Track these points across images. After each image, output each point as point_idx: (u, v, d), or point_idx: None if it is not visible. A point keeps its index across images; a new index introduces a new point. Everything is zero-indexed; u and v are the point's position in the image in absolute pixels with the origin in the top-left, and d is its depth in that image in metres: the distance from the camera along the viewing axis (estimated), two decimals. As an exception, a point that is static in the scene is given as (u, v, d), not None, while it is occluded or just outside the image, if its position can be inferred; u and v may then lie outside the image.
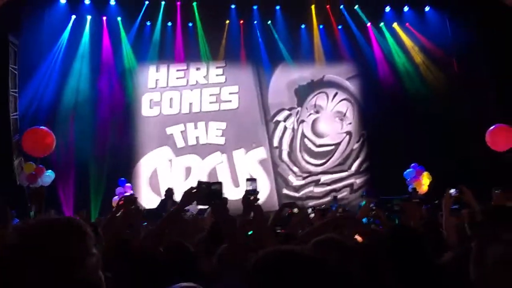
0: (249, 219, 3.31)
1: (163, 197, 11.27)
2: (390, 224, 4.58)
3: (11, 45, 11.94)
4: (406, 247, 2.46)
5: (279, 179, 14.95)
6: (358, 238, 3.62)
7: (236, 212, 3.42)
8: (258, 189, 3.30)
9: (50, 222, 1.49)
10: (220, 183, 3.09)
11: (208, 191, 3.03)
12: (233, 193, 13.98)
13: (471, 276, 2.00)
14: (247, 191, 3.23)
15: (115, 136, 13.66)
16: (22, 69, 12.60)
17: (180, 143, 14.54)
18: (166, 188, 11.33)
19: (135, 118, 14.38)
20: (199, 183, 3.08)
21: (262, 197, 11.91)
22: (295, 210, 5.05)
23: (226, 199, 3.11)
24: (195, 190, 3.07)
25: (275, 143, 15.16)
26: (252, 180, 3.49)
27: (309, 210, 8.09)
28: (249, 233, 3.29)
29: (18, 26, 12.48)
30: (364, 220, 5.94)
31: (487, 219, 3.08)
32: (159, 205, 10.71)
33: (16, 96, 12.26)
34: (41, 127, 11.71)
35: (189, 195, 3.10)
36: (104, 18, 14.18)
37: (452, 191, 4.12)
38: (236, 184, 14.37)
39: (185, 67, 14.99)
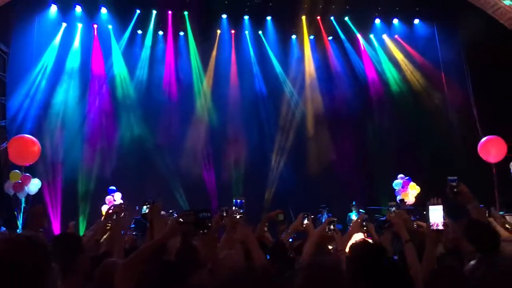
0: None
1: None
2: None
3: (0, 52, 11.85)
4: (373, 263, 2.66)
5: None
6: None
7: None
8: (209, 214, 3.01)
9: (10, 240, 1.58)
10: (208, 210, 2.89)
11: (195, 221, 2.83)
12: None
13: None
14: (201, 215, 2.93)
15: (104, 144, 13.61)
16: (10, 77, 12.52)
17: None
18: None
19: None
20: (184, 213, 2.87)
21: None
22: (280, 217, 5.05)
23: (214, 228, 2.99)
24: (181, 222, 2.84)
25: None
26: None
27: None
28: None
29: (8, 33, 12.43)
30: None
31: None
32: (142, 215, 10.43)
33: (4, 104, 12.15)
34: (26, 135, 11.63)
35: (174, 229, 2.85)
36: (95, 26, 14.15)
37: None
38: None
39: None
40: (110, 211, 4.62)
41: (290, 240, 5.62)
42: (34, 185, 11.46)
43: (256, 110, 15.26)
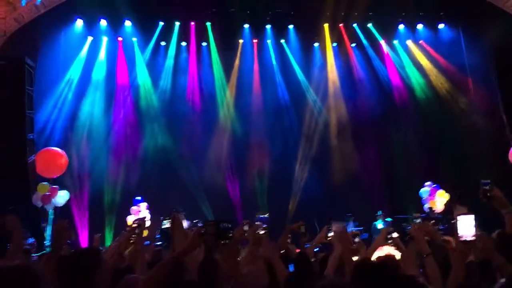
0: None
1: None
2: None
3: (27, 67, 12.09)
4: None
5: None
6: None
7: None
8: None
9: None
10: (230, 221, 2.84)
11: (216, 231, 2.77)
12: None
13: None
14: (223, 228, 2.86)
15: (129, 154, 13.77)
16: (38, 90, 12.77)
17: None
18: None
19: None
20: (206, 224, 2.83)
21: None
22: (302, 229, 5.01)
23: (236, 239, 2.95)
24: (202, 232, 2.75)
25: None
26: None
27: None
28: None
29: (35, 48, 12.69)
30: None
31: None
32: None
33: (32, 117, 12.38)
34: (53, 147, 11.83)
35: (195, 241, 2.76)
36: (120, 39, 14.40)
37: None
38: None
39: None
40: (135, 224, 4.66)
41: (317, 249, 5.57)
42: (61, 197, 11.63)
43: (279, 118, 15.22)
